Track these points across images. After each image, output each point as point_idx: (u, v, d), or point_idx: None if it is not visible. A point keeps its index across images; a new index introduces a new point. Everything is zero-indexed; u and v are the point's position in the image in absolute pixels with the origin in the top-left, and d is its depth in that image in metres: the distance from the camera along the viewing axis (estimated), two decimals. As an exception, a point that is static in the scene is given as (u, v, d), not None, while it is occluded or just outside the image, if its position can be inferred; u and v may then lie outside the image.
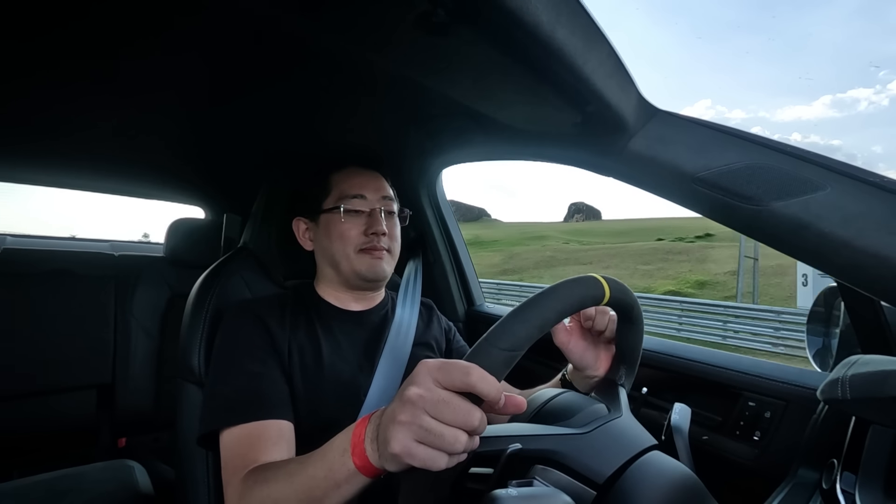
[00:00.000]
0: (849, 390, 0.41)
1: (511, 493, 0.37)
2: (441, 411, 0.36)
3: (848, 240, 0.40)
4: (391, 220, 0.77)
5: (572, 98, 0.53)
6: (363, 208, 0.75)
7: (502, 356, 0.39)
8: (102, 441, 1.54)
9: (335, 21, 0.48)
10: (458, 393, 0.37)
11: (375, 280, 0.76)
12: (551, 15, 0.39)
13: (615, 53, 0.47)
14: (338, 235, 0.74)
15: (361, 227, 0.74)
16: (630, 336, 0.59)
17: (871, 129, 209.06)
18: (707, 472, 0.50)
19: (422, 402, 0.36)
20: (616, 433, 0.48)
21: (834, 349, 0.71)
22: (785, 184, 0.44)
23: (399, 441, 0.36)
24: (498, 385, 0.37)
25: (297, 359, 0.68)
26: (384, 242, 0.74)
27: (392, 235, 0.76)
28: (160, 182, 1.71)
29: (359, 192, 0.75)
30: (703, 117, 0.52)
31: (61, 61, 0.71)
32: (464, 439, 0.36)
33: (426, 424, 0.36)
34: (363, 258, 0.74)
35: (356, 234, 0.74)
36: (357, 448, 0.41)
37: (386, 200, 0.77)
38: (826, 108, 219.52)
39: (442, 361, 0.38)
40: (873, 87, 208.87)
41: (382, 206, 0.76)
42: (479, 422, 0.37)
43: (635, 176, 0.57)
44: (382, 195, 0.77)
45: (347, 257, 0.74)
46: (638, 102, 0.53)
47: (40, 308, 1.44)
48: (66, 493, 1.00)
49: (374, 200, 0.76)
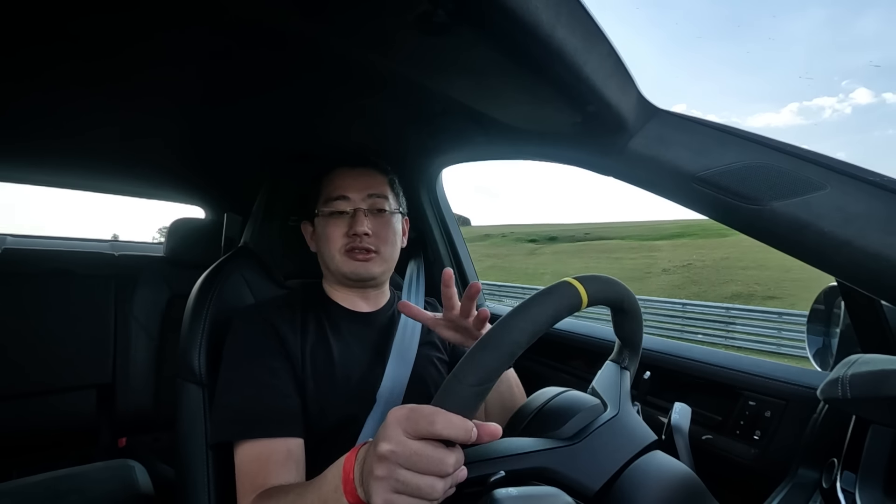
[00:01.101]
0: (849, 389, 0.41)
1: (511, 493, 0.37)
2: (414, 463, 0.37)
3: (848, 239, 0.40)
4: (379, 218, 0.75)
5: (572, 98, 0.53)
6: (346, 209, 0.74)
7: (471, 392, 0.38)
8: (102, 441, 1.54)
9: (335, 22, 0.48)
10: (430, 439, 0.38)
11: (361, 281, 0.75)
12: (551, 15, 0.39)
13: (615, 53, 0.47)
14: (325, 238, 0.74)
15: (344, 228, 0.73)
16: (626, 325, 0.57)
17: (836, 136, 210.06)
18: (707, 471, 0.50)
19: (394, 457, 0.37)
20: (610, 437, 0.46)
21: (834, 348, 0.71)
22: (785, 183, 0.44)
23: (380, 495, 0.37)
24: (466, 425, 0.37)
25: (309, 362, 0.68)
26: (368, 242, 0.73)
27: (380, 235, 0.74)
28: (160, 182, 1.71)
29: (341, 194, 0.74)
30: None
31: (62, 62, 0.71)
32: (440, 486, 0.37)
33: (402, 478, 0.37)
34: (346, 260, 0.73)
35: (339, 235, 0.73)
36: (348, 486, 0.42)
37: (373, 198, 0.75)
38: (793, 116, 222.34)
39: (408, 410, 0.39)
40: (837, 95, 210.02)
41: (368, 204, 0.75)
42: (453, 467, 0.38)
43: (635, 176, 0.57)
44: (369, 193, 0.75)
45: (333, 259, 0.74)
46: (638, 102, 0.53)
47: (40, 308, 1.44)
48: (66, 494, 1.00)
49: (357, 200, 0.74)
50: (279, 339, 0.68)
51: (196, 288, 0.78)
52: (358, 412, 0.68)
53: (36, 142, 1.17)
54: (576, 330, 1.00)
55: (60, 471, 1.09)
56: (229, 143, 1.17)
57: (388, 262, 0.77)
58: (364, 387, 0.70)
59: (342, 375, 0.69)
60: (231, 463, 0.64)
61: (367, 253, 0.73)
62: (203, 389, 0.70)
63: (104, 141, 1.17)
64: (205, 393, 0.70)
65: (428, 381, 0.76)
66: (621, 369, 0.57)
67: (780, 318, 10.10)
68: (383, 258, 0.75)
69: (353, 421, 0.67)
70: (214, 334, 0.73)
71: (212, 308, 0.74)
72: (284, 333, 0.68)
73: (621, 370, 0.57)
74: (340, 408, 0.67)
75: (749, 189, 0.45)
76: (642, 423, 0.51)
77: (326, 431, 0.66)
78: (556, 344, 1.00)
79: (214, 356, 0.72)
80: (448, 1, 0.39)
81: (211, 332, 0.73)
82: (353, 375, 0.70)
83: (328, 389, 0.68)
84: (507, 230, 35.55)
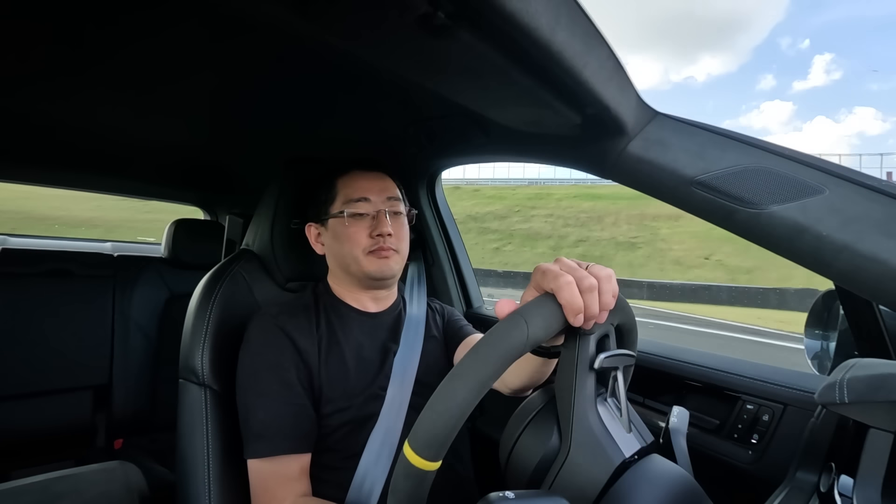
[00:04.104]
0: (846, 394, 0.41)
1: (508, 496, 0.37)
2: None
3: (846, 243, 0.41)
4: (397, 220, 0.78)
5: (572, 100, 0.53)
6: (368, 211, 0.76)
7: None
8: (99, 442, 1.53)
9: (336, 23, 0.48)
10: None
11: (385, 279, 0.77)
12: (550, 18, 0.39)
13: (614, 56, 0.48)
14: (346, 239, 0.75)
15: (367, 229, 0.75)
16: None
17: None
18: (705, 475, 0.50)
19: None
20: (571, 480, 0.41)
21: (832, 352, 0.71)
22: (783, 187, 0.44)
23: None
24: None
25: (324, 368, 0.71)
26: (391, 243, 0.75)
27: (398, 235, 0.77)
28: (161, 182, 1.72)
29: (363, 196, 0.76)
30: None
31: (62, 62, 0.71)
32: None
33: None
34: (372, 260, 0.75)
35: (363, 236, 0.75)
36: None
37: (391, 201, 0.78)
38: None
39: None
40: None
41: (387, 206, 0.76)
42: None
43: (634, 178, 0.57)
44: (387, 196, 0.77)
45: (356, 260, 0.75)
46: (637, 105, 0.53)
47: (39, 308, 1.44)
48: (62, 495, 0.99)
49: (378, 202, 0.76)
50: (296, 350, 0.70)
51: (199, 288, 0.78)
52: (370, 410, 0.71)
53: (36, 142, 1.17)
54: None
55: (56, 472, 1.08)
56: (230, 144, 1.17)
57: (403, 260, 0.80)
58: (375, 385, 0.73)
59: (355, 376, 0.72)
60: (231, 463, 0.66)
61: (390, 251, 0.75)
62: (204, 390, 0.70)
63: (105, 141, 1.17)
64: (206, 393, 0.70)
65: (435, 371, 0.78)
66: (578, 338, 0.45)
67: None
68: (401, 256, 0.78)
69: (367, 418, 0.70)
70: (217, 335, 0.73)
71: (215, 309, 0.75)
72: (302, 344, 0.70)
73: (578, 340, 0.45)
74: (354, 408, 0.70)
75: (747, 193, 0.46)
76: (608, 445, 0.43)
77: (338, 426, 0.69)
78: None
79: (217, 357, 0.72)
80: (448, 3, 0.39)
81: (214, 333, 0.73)
82: (366, 375, 0.73)
83: (343, 391, 0.70)
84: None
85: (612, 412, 0.46)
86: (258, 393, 0.67)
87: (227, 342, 0.73)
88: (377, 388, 0.72)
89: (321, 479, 0.68)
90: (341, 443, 0.69)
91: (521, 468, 0.45)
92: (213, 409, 0.70)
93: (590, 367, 0.44)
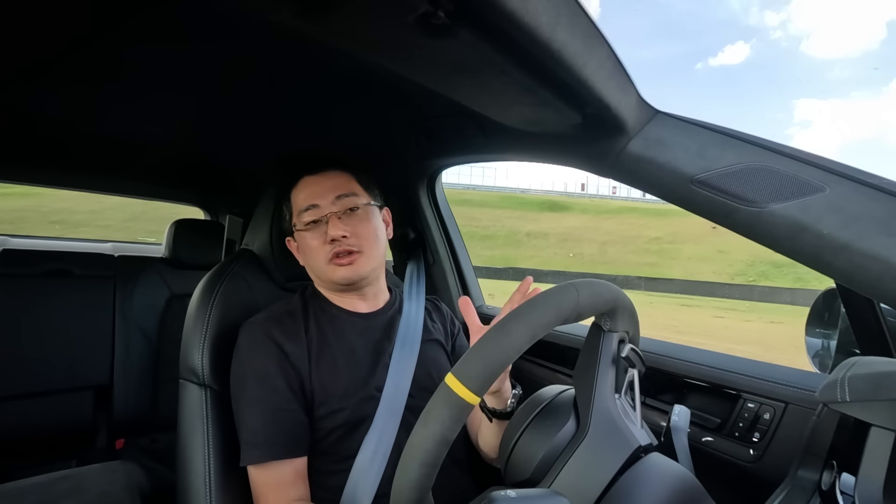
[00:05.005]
0: (848, 392, 0.41)
1: (510, 495, 0.37)
2: None
3: (847, 241, 0.41)
4: (353, 217, 0.74)
5: (572, 100, 0.53)
6: (318, 217, 0.73)
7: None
8: (100, 442, 1.54)
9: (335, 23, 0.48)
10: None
11: (352, 284, 0.75)
12: (551, 17, 0.39)
13: (614, 55, 0.47)
14: (309, 251, 0.74)
15: (323, 236, 0.72)
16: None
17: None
18: (706, 473, 0.50)
19: None
20: (573, 479, 0.42)
21: (833, 351, 0.71)
22: (784, 185, 0.44)
23: None
24: None
25: (315, 371, 0.70)
26: (350, 244, 0.72)
27: (359, 233, 0.73)
28: (161, 182, 1.72)
29: (310, 203, 0.74)
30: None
31: (63, 62, 0.71)
32: None
33: None
34: (333, 268, 0.73)
35: (319, 244, 0.73)
36: None
37: (341, 200, 0.74)
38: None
39: None
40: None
41: (336, 208, 0.73)
42: None
43: (634, 177, 0.57)
44: (336, 195, 0.74)
45: (322, 270, 0.74)
46: (637, 104, 0.53)
47: (39, 308, 1.44)
48: (63, 496, 0.99)
49: (326, 206, 0.73)
50: (283, 356, 0.69)
51: (199, 288, 0.78)
52: (364, 412, 0.69)
53: (36, 142, 1.17)
54: (573, 332, 1.00)
55: (57, 472, 1.09)
56: (230, 144, 1.17)
57: (374, 258, 0.75)
58: (370, 387, 0.71)
59: (348, 378, 0.70)
60: (231, 462, 0.66)
61: (350, 255, 0.72)
62: (204, 390, 0.71)
63: (105, 142, 1.17)
64: (206, 393, 0.71)
65: (434, 376, 0.76)
66: (604, 332, 0.49)
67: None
68: (368, 256, 0.74)
69: (361, 420, 0.69)
70: (217, 335, 0.73)
71: (215, 309, 0.75)
72: (288, 349, 0.69)
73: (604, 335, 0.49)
74: (348, 410, 0.69)
75: (748, 191, 0.46)
76: (611, 448, 0.44)
77: (333, 428, 0.69)
78: (552, 345, 1.00)
79: (217, 357, 0.72)
80: (448, 2, 0.39)
81: (214, 333, 0.73)
82: (359, 377, 0.71)
83: (335, 393, 0.69)
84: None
85: (627, 407, 0.49)
86: (247, 401, 0.66)
87: (227, 342, 0.73)
88: (372, 389, 0.71)
89: (316, 482, 0.68)
90: (336, 446, 0.69)
91: (524, 459, 0.46)
92: (213, 408, 0.70)
93: (612, 361, 0.49)
